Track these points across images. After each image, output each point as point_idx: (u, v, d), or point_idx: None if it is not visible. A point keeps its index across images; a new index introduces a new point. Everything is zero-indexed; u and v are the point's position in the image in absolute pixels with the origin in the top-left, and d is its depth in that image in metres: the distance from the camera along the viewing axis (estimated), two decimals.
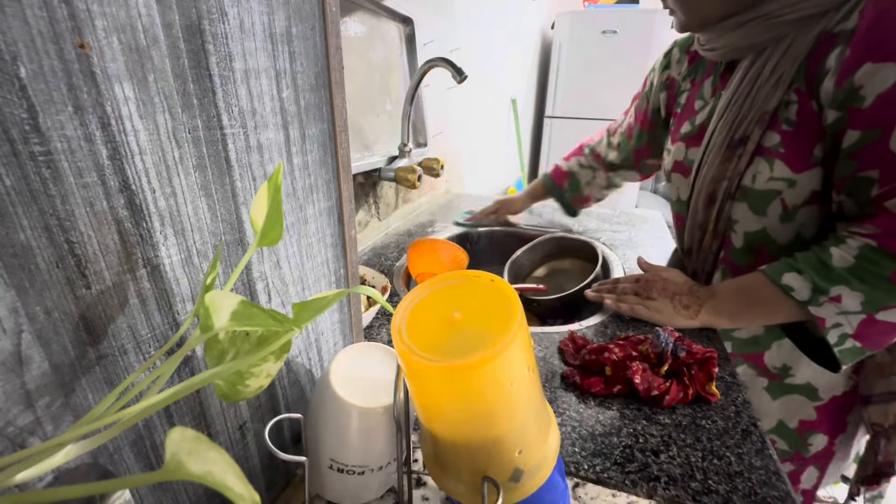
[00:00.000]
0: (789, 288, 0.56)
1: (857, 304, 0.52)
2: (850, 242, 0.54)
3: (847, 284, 0.52)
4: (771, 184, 0.62)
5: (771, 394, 0.74)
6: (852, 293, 0.52)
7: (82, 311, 0.20)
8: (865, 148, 0.52)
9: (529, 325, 0.45)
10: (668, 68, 0.83)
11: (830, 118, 0.55)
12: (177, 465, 0.14)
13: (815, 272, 0.55)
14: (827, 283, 0.53)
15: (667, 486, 0.40)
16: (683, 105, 0.78)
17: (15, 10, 0.16)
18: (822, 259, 0.55)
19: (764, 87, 0.60)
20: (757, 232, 0.66)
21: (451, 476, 0.30)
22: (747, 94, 0.62)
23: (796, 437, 0.74)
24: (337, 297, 0.21)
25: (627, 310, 0.68)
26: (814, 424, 0.73)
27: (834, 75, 0.53)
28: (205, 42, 0.24)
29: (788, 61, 0.58)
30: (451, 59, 0.85)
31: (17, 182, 0.17)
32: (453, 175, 1.54)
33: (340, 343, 0.43)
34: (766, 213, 0.64)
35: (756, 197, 0.64)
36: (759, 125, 0.61)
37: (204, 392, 0.28)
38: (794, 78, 0.58)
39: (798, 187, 0.60)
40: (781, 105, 0.59)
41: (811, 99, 0.57)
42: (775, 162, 0.61)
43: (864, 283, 0.52)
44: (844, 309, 0.52)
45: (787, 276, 0.57)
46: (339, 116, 0.37)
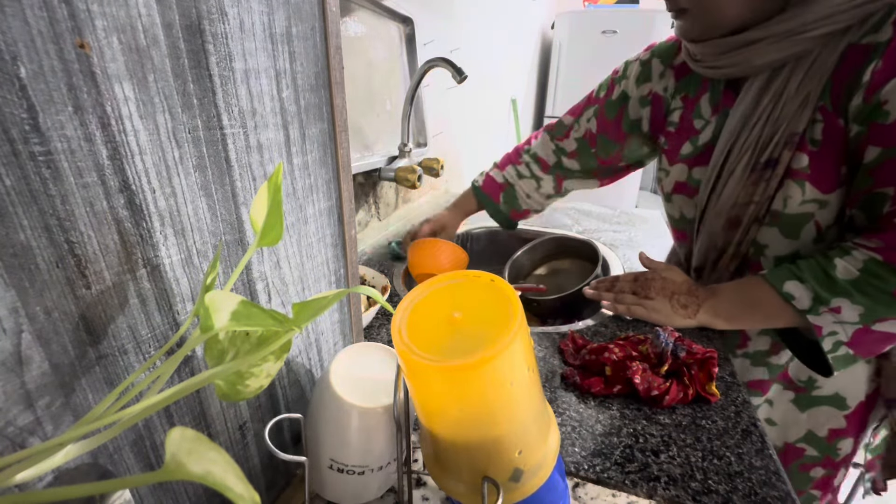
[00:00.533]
0: (790, 296, 0.55)
1: (856, 315, 0.52)
2: (855, 255, 0.53)
3: (849, 297, 0.52)
4: (804, 207, 0.59)
5: (798, 406, 0.72)
6: (853, 306, 0.52)
7: (82, 311, 0.20)
8: (884, 164, 0.51)
9: (529, 325, 0.45)
10: (647, 81, 0.77)
11: (852, 132, 0.54)
12: (177, 465, 0.14)
13: (817, 282, 0.54)
14: (829, 295, 0.53)
15: (667, 486, 0.40)
16: (678, 124, 0.73)
17: (15, 10, 0.16)
18: (826, 270, 0.54)
19: (789, 106, 0.57)
20: (788, 255, 0.63)
21: (451, 476, 0.30)
22: (769, 114, 0.58)
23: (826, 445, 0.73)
24: (337, 297, 0.21)
25: (624, 310, 0.68)
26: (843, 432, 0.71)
27: (863, 90, 0.51)
28: (205, 42, 0.24)
29: (815, 79, 0.55)
30: (451, 59, 0.85)
31: (17, 182, 0.17)
32: (453, 175, 1.55)
33: (340, 343, 0.43)
34: (800, 236, 0.61)
35: (788, 221, 0.61)
36: (787, 147, 0.58)
37: (204, 392, 0.28)
38: (820, 96, 0.55)
39: (829, 208, 0.58)
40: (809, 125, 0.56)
41: (838, 117, 0.54)
42: (805, 185, 0.58)
43: (865, 297, 0.51)
44: (842, 319, 0.53)
45: (788, 283, 0.56)
46: (339, 116, 0.37)
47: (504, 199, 0.95)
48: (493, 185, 0.96)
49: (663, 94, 0.76)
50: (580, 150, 0.89)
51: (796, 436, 0.74)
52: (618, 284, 0.72)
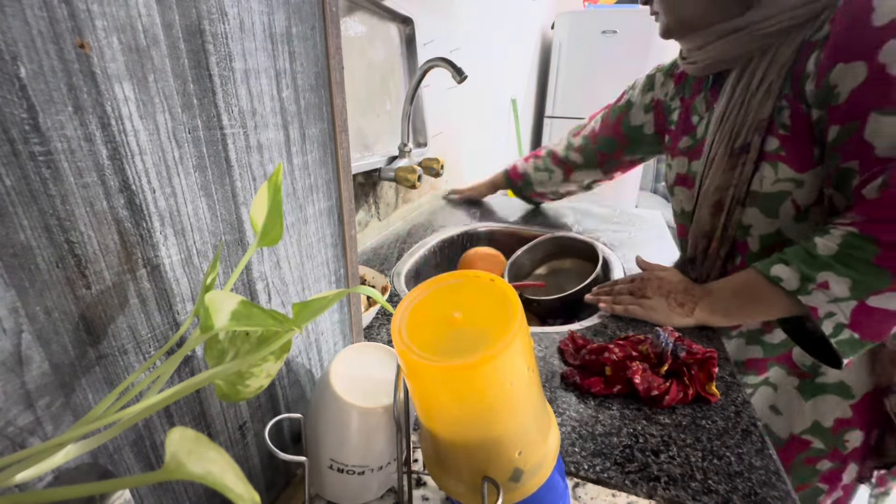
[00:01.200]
0: (778, 279, 0.57)
1: (846, 289, 0.53)
2: (832, 232, 0.56)
3: (832, 270, 0.54)
4: (779, 185, 0.64)
5: (803, 394, 0.73)
6: (839, 279, 0.53)
7: (82, 311, 0.20)
8: (846, 141, 0.56)
9: (529, 325, 0.45)
10: (651, 90, 0.89)
11: (815, 117, 0.59)
12: (177, 465, 0.14)
13: (800, 261, 0.57)
14: (812, 271, 0.55)
15: (667, 486, 0.40)
16: (677, 122, 0.82)
17: (15, 10, 0.16)
18: (807, 249, 0.57)
19: (756, 96, 0.63)
20: (772, 234, 0.67)
21: (451, 476, 0.30)
22: (741, 104, 0.65)
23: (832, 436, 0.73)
24: (337, 297, 0.21)
25: (622, 311, 0.69)
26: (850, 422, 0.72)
27: (813, 78, 0.57)
28: (205, 42, 0.24)
29: (775, 70, 0.62)
30: (451, 59, 0.85)
31: (17, 182, 0.17)
32: (453, 175, 1.54)
33: (340, 343, 0.43)
34: (779, 214, 0.65)
35: (766, 200, 0.66)
36: (758, 132, 0.64)
37: (204, 392, 0.28)
38: (783, 86, 0.61)
39: (806, 187, 0.63)
40: (775, 111, 0.62)
41: (800, 103, 0.60)
42: (779, 165, 0.63)
43: (849, 269, 0.53)
44: (834, 296, 0.53)
45: (775, 267, 0.58)
46: (339, 116, 0.37)
47: (521, 184, 1.22)
48: (516, 174, 1.22)
49: (664, 99, 0.87)
50: (584, 146, 1.06)
51: (802, 426, 0.74)
52: (616, 287, 0.74)
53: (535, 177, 1.16)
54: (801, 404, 0.74)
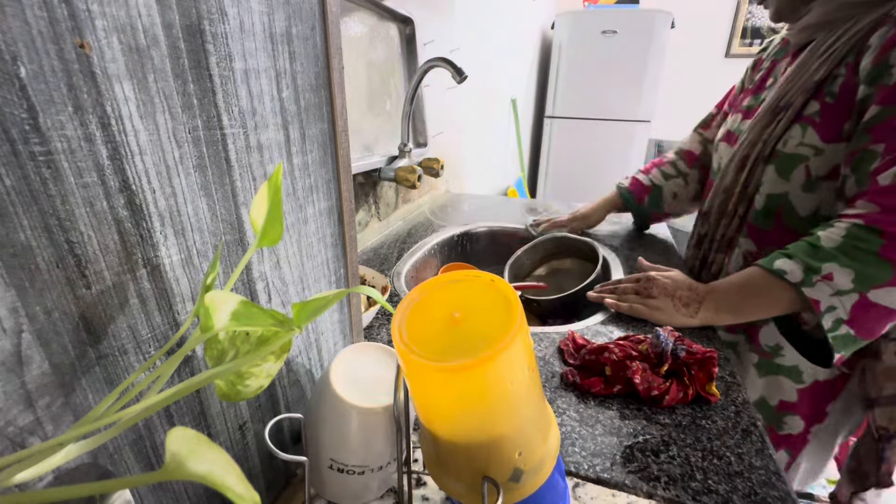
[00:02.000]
0: (782, 272, 0.57)
1: (849, 281, 0.53)
2: (837, 225, 0.57)
3: (836, 261, 0.54)
4: (799, 149, 0.65)
5: (758, 371, 0.76)
6: (842, 269, 0.53)
7: (82, 311, 0.20)
8: (882, 123, 0.55)
9: (529, 325, 0.45)
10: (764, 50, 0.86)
11: (861, 93, 0.59)
12: (177, 465, 0.14)
13: (804, 254, 0.57)
14: (817, 262, 0.55)
15: (667, 486, 0.40)
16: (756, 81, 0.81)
17: (15, 10, 0.16)
18: (811, 242, 0.58)
19: (817, 60, 0.64)
20: (779, 195, 0.69)
21: (451, 476, 0.30)
22: (801, 67, 0.66)
23: (773, 414, 0.77)
24: (337, 297, 0.21)
25: (627, 309, 0.69)
26: (793, 406, 0.75)
27: (873, 52, 0.57)
28: (205, 42, 0.24)
29: (845, 38, 0.61)
30: (451, 59, 0.85)
31: (17, 182, 0.17)
32: (453, 175, 1.54)
33: (340, 343, 0.43)
34: (790, 177, 0.67)
35: (783, 160, 0.67)
36: (803, 93, 0.65)
37: (204, 392, 0.28)
38: (846, 54, 0.61)
39: (824, 157, 0.63)
40: (829, 78, 0.63)
41: (855, 75, 0.60)
42: (808, 129, 0.64)
43: (852, 260, 0.53)
44: (838, 287, 0.54)
45: (778, 262, 0.59)
46: (339, 116, 0.37)
47: (649, 201, 1.00)
48: (640, 187, 1.01)
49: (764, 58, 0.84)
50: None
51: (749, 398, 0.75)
52: (620, 286, 0.73)
53: (668, 187, 0.98)
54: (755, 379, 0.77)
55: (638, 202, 1.01)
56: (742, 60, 3.04)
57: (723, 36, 3.04)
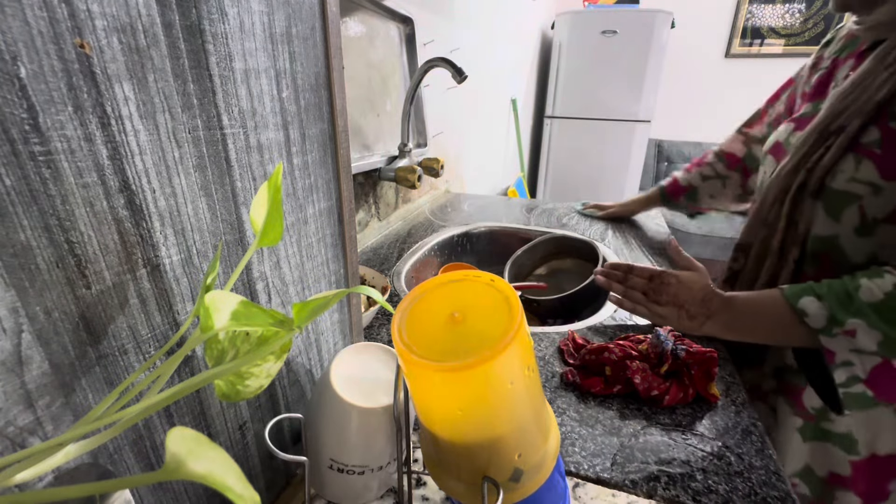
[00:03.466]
0: (803, 313, 0.51)
1: (874, 343, 0.47)
2: (885, 277, 0.48)
3: (866, 319, 0.47)
4: (851, 185, 0.54)
5: (802, 435, 0.65)
6: (869, 330, 0.47)
7: (82, 311, 0.20)
8: None
9: (529, 325, 0.45)
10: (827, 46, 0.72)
11: None
12: (177, 465, 0.14)
13: (835, 300, 0.50)
14: (844, 315, 0.48)
15: (667, 486, 0.40)
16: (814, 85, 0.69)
17: (15, 10, 0.16)
18: (848, 289, 0.50)
19: (880, 74, 0.53)
20: (827, 238, 0.58)
21: (451, 476, 0.30)
22: (862, 81, 0.55)
23: (822, 488, 0.64)
24: (337, 297, 0.21)
25: (630, 308, 0.64)
26: (846, 481, 0.62)
27: None
28: (205, 42, 0.24)
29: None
30: (451, 59, 0.85)
31: (17, 182, 0.17)
32: (453, 175, 1.54)
33: (340, 343, 0.43)
34: (841, 219, 0.56)
35: (832, 197, 0.56)
36: (860, 116, 0.53)
37: (204, 392, 0.28)
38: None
39: (883, 197, 0.52)
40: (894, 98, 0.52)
41: None
42: (864, 162, 0.53)
43: (885, 322, 0.47)
44: (858, 346, 0.48)
45: (804, 299, 0.52)
46: (339, 116, 0.37)
47: (685, 199, 1.00)
48: (677, 188, 1.01)
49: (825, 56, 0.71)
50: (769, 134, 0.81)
51: (793, 468, 0.66)
52: (631, 278, 0.66)
53: (704, 188, 0.95)
54: (799, 444, 0.66)
55: (675, 200, 1.03)
56: (742, 60, 3.05)
57: (723, 36, 3.04)
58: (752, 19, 2.94)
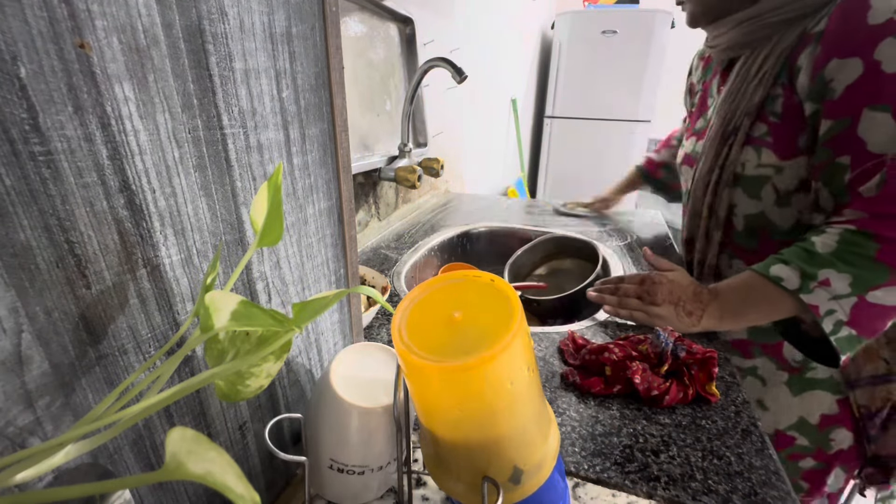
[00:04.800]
0: (778, 278, 0.57)
1: (846, 286, 0.53)
2: (829, 231, 0.57)
3: (833, 267, 0.54)
4: (759, 170, 0.67)
5: (791, 389, 0.73)
6: (840, 275, 0.54)
7: (82, 311, 0.20)
8: (838, 136, 0.57)
9: (529, 325, 0.45)
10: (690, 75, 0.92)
11: (809, 110, 0.60)
12: (177, 465, 0.14)
13: (800, 260, 0.57)
14: (813, 268, 0.55)
15: (667, 486, 0.40)
16: (697, 104, 0.85)
17: (15, 10, 0.16)
18: (806, 248, 0.58)
19: (752, 82, 0.66)
20: (755, 215, 0.70)
21: (451, 476, 0.30)
22: (738, 90, 0.69)
23: (817, 433, 0.73)
24: (337, 297, 0.21)
25: (627, 315, 0.66)
26: (836, 419, 0.72)
27: (807, 71, 0.59)
28: (205, 42, 0.24)
29: (773, 59, 0.64)
30: (451, 59, 0.85)
31: (17, 182, 0.17)
32: (453, 175, 1.54)
33: (340, 343, 0.43)
34: (761, 197, 0.68)
35: (748, 182, 0.68)
36: (747, 117, 0.67)
37: (204, 392, 0.28)
38: (779, 74, 0.64)
39: (786, 174, 0.65)
40: (768, 99, 0.65)
41: (794, 93, 0.62)
42: (762, 150, 0.66)
43: (849, 265, 0.54)
44: (835, 293, 0.54)
45: (774, 268, 0.58)
46: (339, 116, 0.37)
47: (665, 173, 1.12)
48: (653, 165, 1.13)
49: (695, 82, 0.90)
50: None
51: (787, 422, 0.75)
52: (622, 287, 0.70)
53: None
54: (789, 399, 0.74)
55: (655, 177, 1.13)
56: None
57: None
58: None
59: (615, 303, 0.68)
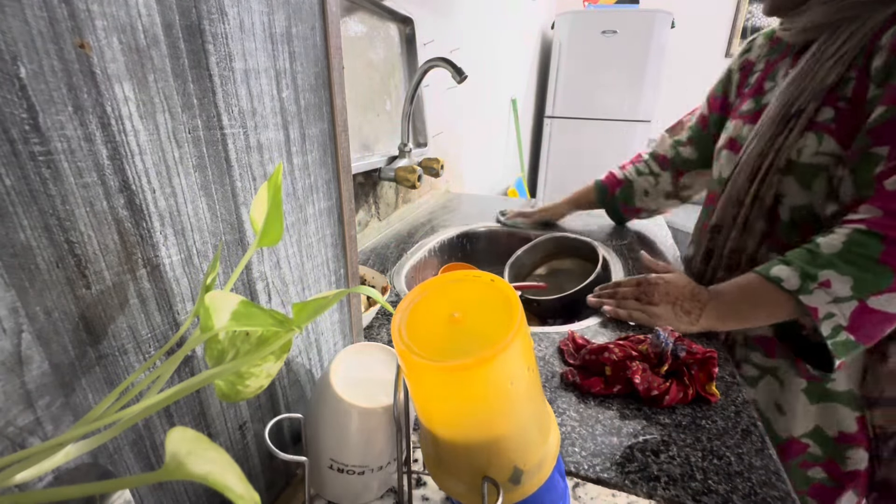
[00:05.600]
0: (778, 279, 0.56)
1: (847, 288, 0.52)
2: (838, 231, 0.55)
3: (834, 268, 0.53)
4: (818, 158, 0.61)
5: (809, 398, 0.69)
6: (841, 277, 0.52)
7: (82, 311, 0.20)
8: (885, 123, 0.54)
9: (529, 325, 0.45)
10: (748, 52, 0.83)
11: (870, 94, 0.57)
12: (177, 465, 0.14)
13: (802, 261, 0.56)
14: (814, 269, 0.54)
15: (667, 486, 0.40)
16: (752, 84, 0.78)
17: (15, 10, 0.16)
18: (809, 249, 0.56)
19: (827, 62, 0.61)
20: (803, 206, 0.65)
21: (451, 476, 0.30)
22: (809, 71, 0.63)
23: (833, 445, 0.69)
24: (337, 297, 0.21)
25: (626, 316, 0.67)
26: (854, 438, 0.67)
27: (885, 52, 0.55)
28: (205, 42, 0.24)
29: (854, 40, 0.59)
30: (451, 59, 0.85)
31: (17, 182, 0.17)
32: (453, 175, 1.54)
33: (340, 343, 0.43)
34: (812, 187, 0.63)
35: (802, 171, 0.63)
36: (815, 99, 0.61)
37: (204, 392, 0.28)
38: (857, 56, 0.59)
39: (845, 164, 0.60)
40: (841, 82, 0.60)
41: (867, 76, 0.58)
42: (824, 137, 0.61)
43: (851, 266, 0.52)
44: (835, 295, 0.52)
45: (775, 268, 0.57)
46: (339, 116, 0.37)
47: (620, 193, 1.03)
48: (613, 181, 1.04)
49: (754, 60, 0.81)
50: (694, 135, 0.92)
51: (803, 429, 0.70)
52: (620, 290, 0.71)
53: (639, 183, 1.00)
54: (807, 406, 0.69)
55: (610, 195, 1.05)
56: None
57: (723, 36, 3.04)
58: (752, 19, 2.94)
59: (614, 304, 0.69)
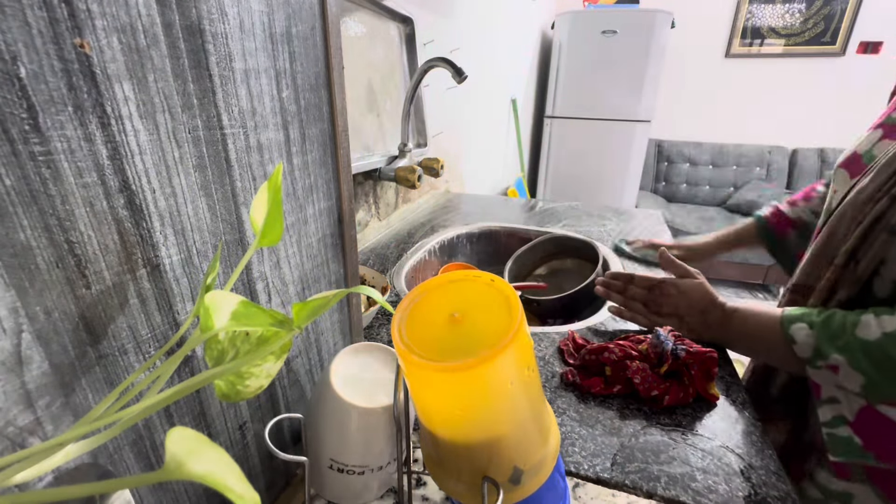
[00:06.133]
0: (792, 340, 0.48)
1: (857, 384, 0.43)
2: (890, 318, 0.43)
3: (849, 356, 0.43)
4: None
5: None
6: (852, 371, 0.43)
7: (82, 311, 0.20)
8: None
9: (529, 325, 0.45)
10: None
11: None
12: (177, 465, 0.14)
13: (825, 331, 0.45)
14: (829, 349, 0.44)
15: (667, 486, 0.40)
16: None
17: (15, 10, 0.16)
18: (847, 321, 0.44)
19: None
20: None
21: (451, 476, 0.30)
22: None
23: None
24: (337, 297, 0.21)
25: (630, 317, 0.65)
26: None
27: None
28: (205, 42, 0.24)
29: None
30: (451, 59, 0.85)
31: (17, 182, 0.17)
32: (453, 175, 1.54)
33: (340, 343, 0.43)
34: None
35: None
36: None
37: (204, 392, 0.28)
38: None
39: None
40: None
41: None
42: None
43: (872, 364, 0.42)
44: (842, 384, 0.44)
45: (796, 325, 0.48)
46: (339, 116, 0.37)
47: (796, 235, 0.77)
48: (783, 220, 0.79)
49: None
50: None
51: None
52: (630, 289, 0.65)
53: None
54: None
55: (781, 236, 0.79)
56: (742, 60, 3.05)
57: (723, 36, 3.04)
58: (752, 19, 2.94)
59: (621, 302, 0.66)
